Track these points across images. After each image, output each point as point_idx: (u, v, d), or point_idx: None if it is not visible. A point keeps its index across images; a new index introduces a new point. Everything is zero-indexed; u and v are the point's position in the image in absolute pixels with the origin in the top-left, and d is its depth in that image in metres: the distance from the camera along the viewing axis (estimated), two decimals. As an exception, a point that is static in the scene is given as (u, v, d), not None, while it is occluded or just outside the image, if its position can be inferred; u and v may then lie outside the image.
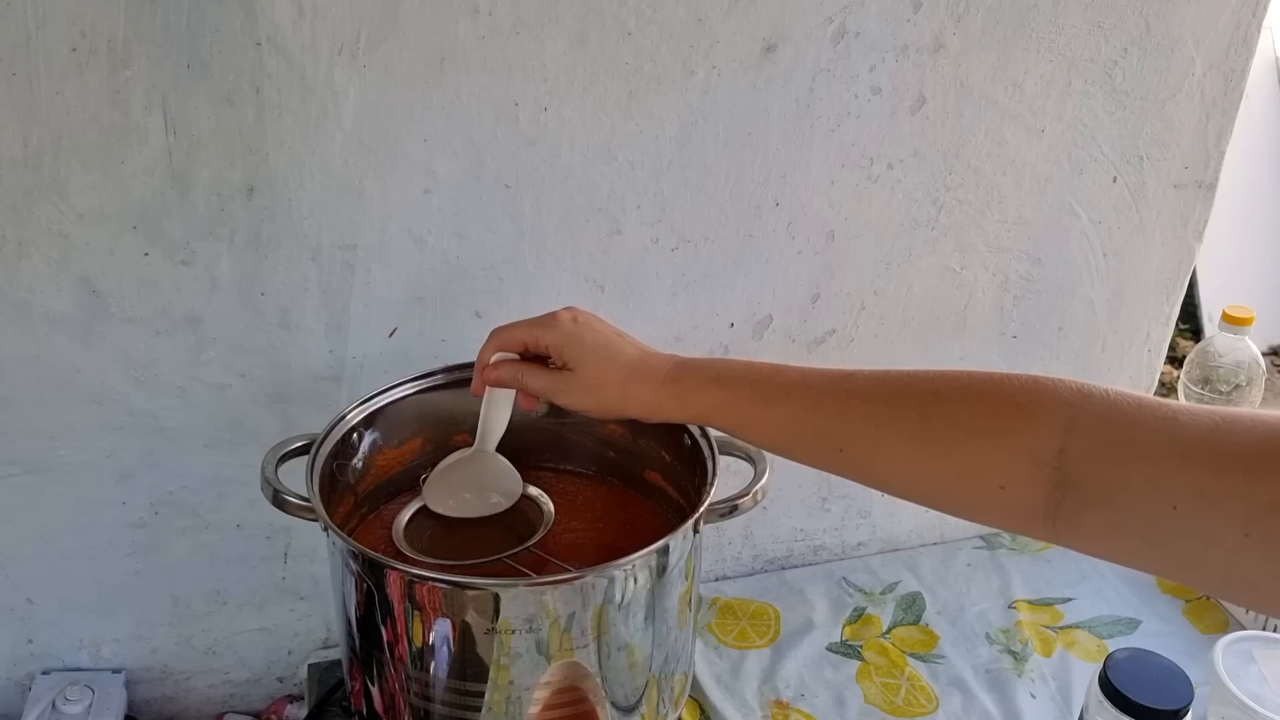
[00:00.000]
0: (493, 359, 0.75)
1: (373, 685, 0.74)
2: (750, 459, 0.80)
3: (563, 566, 0.77)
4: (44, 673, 0.93)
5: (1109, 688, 0.80)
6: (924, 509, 1.12)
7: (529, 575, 0.74)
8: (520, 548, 0.77)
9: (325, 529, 0.69)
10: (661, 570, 0.71)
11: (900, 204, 0.97)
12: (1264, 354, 1.12)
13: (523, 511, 0.82)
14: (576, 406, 0.73)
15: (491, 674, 0.69)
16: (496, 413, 0.80)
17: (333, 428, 0.79)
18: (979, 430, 0.58)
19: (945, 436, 0.60)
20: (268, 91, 0.77)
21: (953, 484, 0.60)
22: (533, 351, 0.75)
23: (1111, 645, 1.01)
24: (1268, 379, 1.11)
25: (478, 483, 0.82)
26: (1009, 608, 1.06)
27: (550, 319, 0.73)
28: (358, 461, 0.82)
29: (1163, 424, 0.52)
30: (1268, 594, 0.50)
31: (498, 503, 0.82)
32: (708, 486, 0.73)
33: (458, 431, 0.85)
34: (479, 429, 0.81)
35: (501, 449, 0.82)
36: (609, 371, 0.72)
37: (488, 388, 0.78)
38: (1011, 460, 0.57)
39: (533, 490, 0.84)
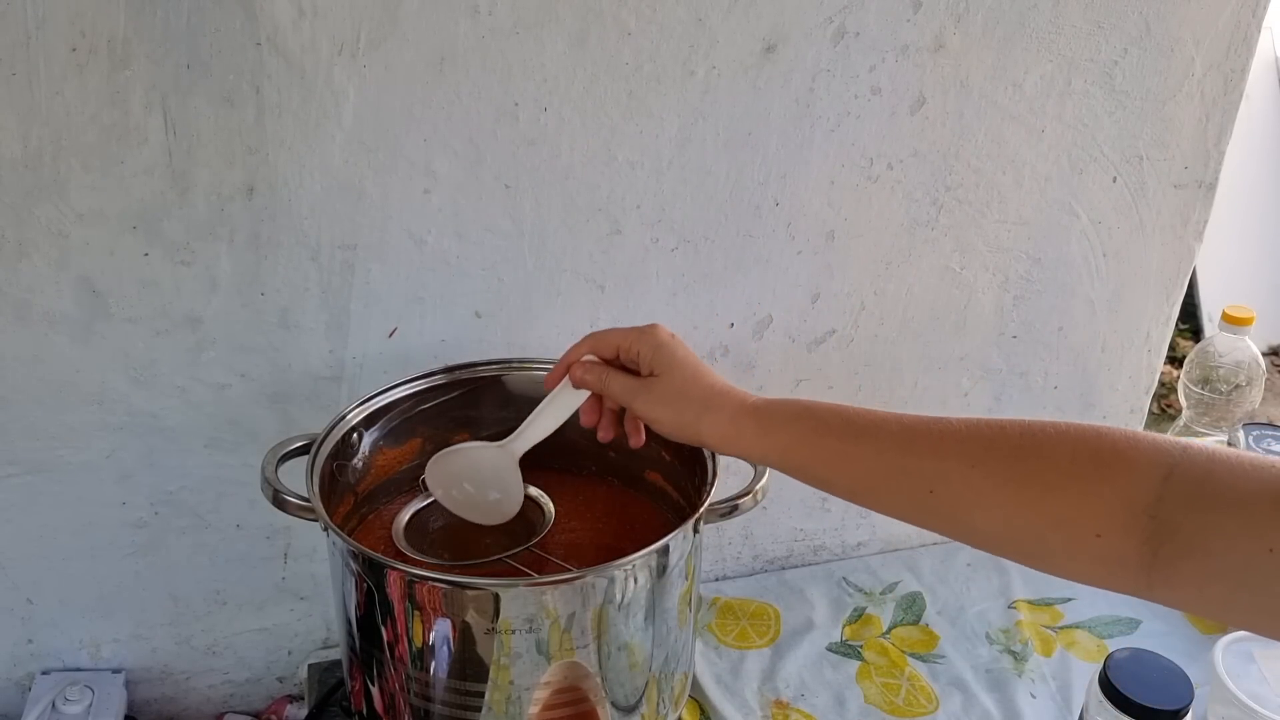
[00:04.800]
0: (583, 358, 0.75)
1: (373, 685, 0.74)
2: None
3: (563, 566, 0.77)
4: (44, 673, 0.93)
5: (1109, 688, 0.80)
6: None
7: (529, 575, 0.74)
8: (520, 548, 0.77)
9: (325, 529, 0.69)
10: (661, 570, 0.71)
11: (900, 204, 0.97)
12: (1264, 354, 1.12)
13: (523, 511, 0.82)
14: (651, 415, 0.72)
15: (491, 674, 0.69)
16: (553, 413, 0.77)
17: (333, 428, 0.79)
18: (1078, 475, 0.58)
19: (1042, 480, 0.59)
20: (268, 91, 0.77)
21: (1048, 530, 0.58)
22: (623, 360, 0.74)
23: (1111, 645, 1.01)
24: (1268, 379, 1.11)
25: (480, 477, 0.80)
26: (1009, 608, 1.06)
27: (648, 327, 0.73)
28: (358, 461, 0.82)
29: (1258, 471, 0.52)
30: None
31: (492, 505, 0.81)
32: (708, 486, 0.74)
33: (458, 431, 0.85)
34: (523, 426, 0.78)
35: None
36: (693, 388, 0.71)
37: (559, 386, 0.76)
38: (1109, 507, 0.56)
39: (533, 490, 0.83)
